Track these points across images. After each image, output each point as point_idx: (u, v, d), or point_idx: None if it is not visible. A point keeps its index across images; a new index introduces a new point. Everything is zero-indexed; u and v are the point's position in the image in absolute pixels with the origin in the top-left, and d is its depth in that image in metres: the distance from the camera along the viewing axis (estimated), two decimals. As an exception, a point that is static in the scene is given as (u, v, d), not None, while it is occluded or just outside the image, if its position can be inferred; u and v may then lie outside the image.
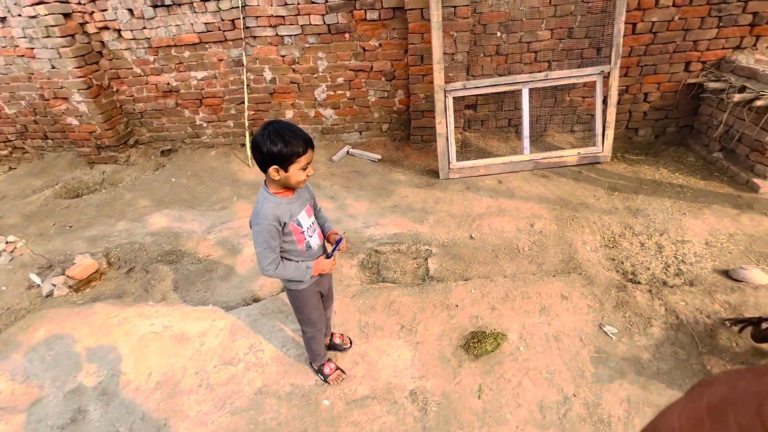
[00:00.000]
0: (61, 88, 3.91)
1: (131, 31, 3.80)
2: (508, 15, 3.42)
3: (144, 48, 3.90)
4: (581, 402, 1.76)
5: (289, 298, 1.68)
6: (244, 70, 3.87)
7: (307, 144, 1.31)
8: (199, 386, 2.00)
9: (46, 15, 3.53)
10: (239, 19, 3.64)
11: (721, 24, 3.33)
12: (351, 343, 2.11)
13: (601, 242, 2.77)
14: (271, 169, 1.31)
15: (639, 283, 2.38)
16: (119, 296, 2.72)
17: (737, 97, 3.12)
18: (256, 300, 2.58)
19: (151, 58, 3.95)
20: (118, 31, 3.82)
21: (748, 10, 3.27)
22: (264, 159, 1.30)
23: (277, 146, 1.26)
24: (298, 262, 1.52)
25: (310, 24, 3.61)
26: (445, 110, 3.40)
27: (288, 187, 1.42)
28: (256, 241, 1.39)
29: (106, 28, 3.81)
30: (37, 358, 2.22)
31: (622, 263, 2.57)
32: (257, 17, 3.64)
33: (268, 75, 3.93)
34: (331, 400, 1.85)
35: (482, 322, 2.17)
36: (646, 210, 2.99)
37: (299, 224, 1.46)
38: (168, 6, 3.63)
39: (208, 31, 3.74)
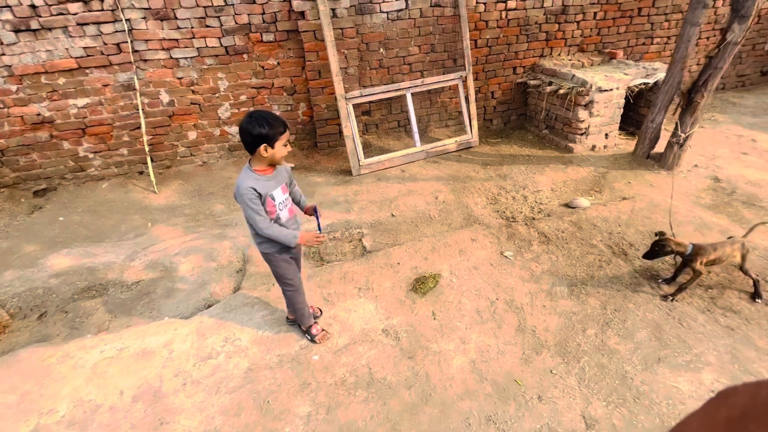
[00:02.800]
0: None
1: (-16, 58, 3.35)
2: (384, 35, 4.16)
3: (3, 77, 3.46)
4: (502, 301, 2.43)
5: (266, 261, 1.95)
6: (137, 94, 3.76)
7: (285, 125, 1.65)
8: (184, 384, 2.04)
9: None
10: (126, 42, 3.57)
11: (528, 40, 4.66)
12: (321, 311, 2.41)
13: (486, 201, 3.62)
14: (261, 148, 1.61)
15: (517, 221, 3.25)
16: (41, 341, 2.45)
17: (548, 89, 4.42)
18: (211, 306, 2.64)
19: (14, 88, 3.52)
20: (-35, 59, 3.33)
21: (542, 30, 4.66)
22: (254, 140, 1.59)
23: (265, 128, 1.58)
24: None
25: (207, 46, 3.76)
26: (348, 116, 3.93)
27: (271, 165, 1.72)
28: (244, 208, 1.67)
29: (-55, 56, 3.28)
30: (-40, 421, 1.91)
31: (504, 212, 3.44)
32: (147, 41, 3.62)
33: (164, 98, 3.89)
34: (320, 354, 2.13)
35: (421, 269, 2.71)
36: (511, 174, 3.99)
37: (273, 198, 1.76)
38: (35, 30, 3.35)
39: (89, 55, 3.55)
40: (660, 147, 4.00)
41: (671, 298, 2.34)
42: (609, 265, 2.69)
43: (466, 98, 4.43)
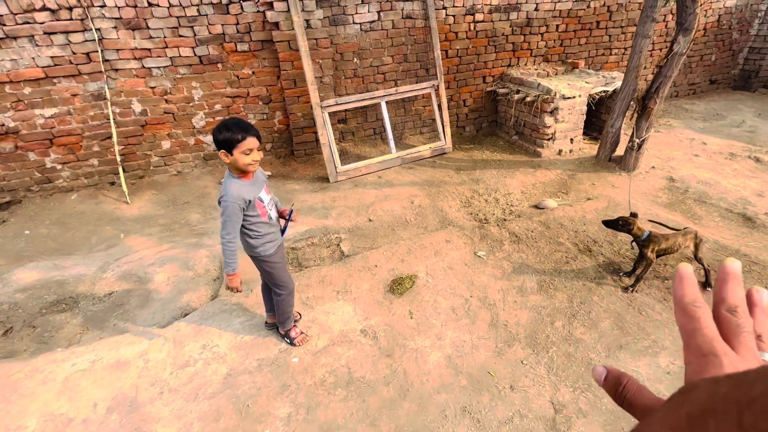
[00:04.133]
0: None
1: (-58, 68, 3.24)
2: (358, 45, 4.27)
3: (-37, 87, 3.35)
4: (476, 299, 2.52)
5: (263, 266, 1.96)
6: (108, 103, 3.71)
7: (246, 132, 1.63)
8: (161, 393, 2.02)
9: None
10: (96, 52, 3.53)
11: (496, 50, 4.88)
12: (300, 315, 2.43)
13: (460, 204, 3.74)
14: (220, 153, 1.65)
15: (490, 223, 3.38)
16: (7, 357, 2.36)
17: (516, 97, 4.63)
18: (188, 314, 2.62)
19: (-24, 98, 3.42)
20: None
21: (509, 41, 4.89)
22: (216, 145, 1.64)
23: (222, 134, 1.62)
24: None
25: (180, 56, 3.76)
26: (324, 124, 3.99)
27: (243, 171, 1.74)
28: (224, 212, 1.69)
29: None
30: None
31: (477, 214, 3.56)
32: (118, 50, 3.59)
33: (137, 107, 3.85)
34: (299, 357, 2.16)
35: (398, 271, 2.78)
36: (483, 179, 4.14)
37: (261, 200, 1.81)
38: (-1, 39, 3.27)
39: (57, 65, 3.49)
40: (620, 150, 4.25)
41: (631, 289, 2.50)
42: (575, 261, 2.84)
43: (439, 106, 4.58)
